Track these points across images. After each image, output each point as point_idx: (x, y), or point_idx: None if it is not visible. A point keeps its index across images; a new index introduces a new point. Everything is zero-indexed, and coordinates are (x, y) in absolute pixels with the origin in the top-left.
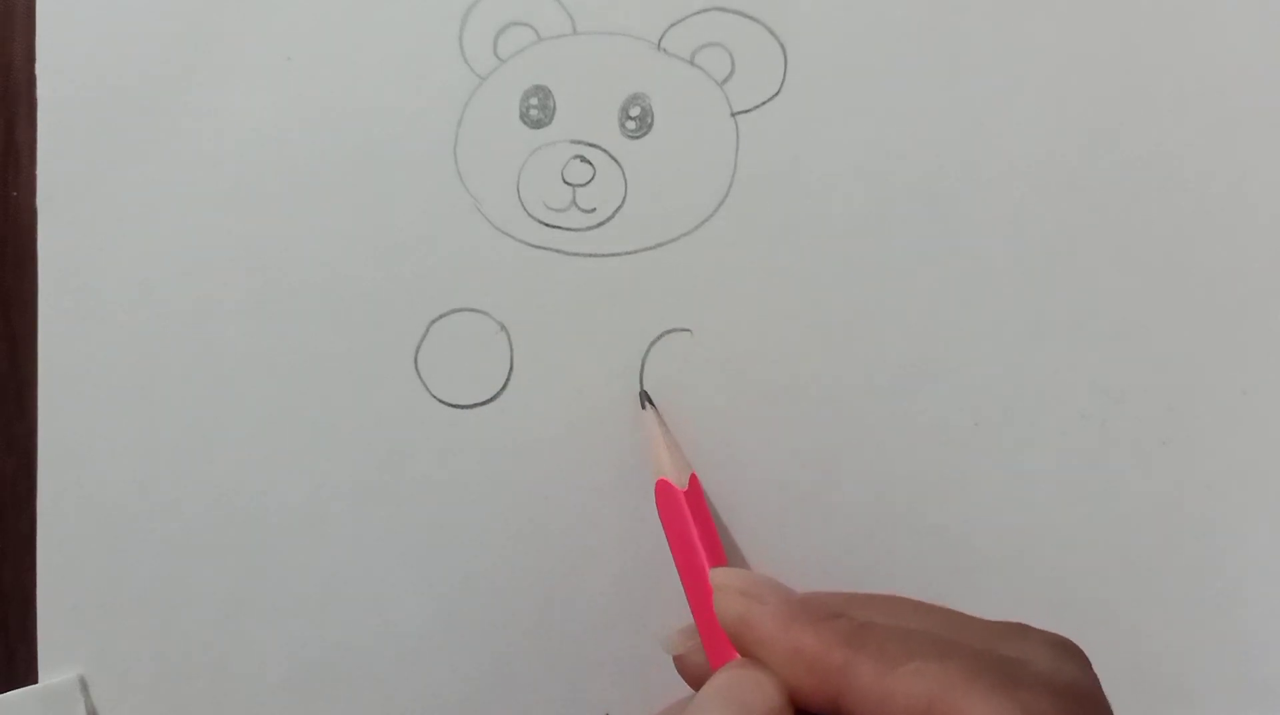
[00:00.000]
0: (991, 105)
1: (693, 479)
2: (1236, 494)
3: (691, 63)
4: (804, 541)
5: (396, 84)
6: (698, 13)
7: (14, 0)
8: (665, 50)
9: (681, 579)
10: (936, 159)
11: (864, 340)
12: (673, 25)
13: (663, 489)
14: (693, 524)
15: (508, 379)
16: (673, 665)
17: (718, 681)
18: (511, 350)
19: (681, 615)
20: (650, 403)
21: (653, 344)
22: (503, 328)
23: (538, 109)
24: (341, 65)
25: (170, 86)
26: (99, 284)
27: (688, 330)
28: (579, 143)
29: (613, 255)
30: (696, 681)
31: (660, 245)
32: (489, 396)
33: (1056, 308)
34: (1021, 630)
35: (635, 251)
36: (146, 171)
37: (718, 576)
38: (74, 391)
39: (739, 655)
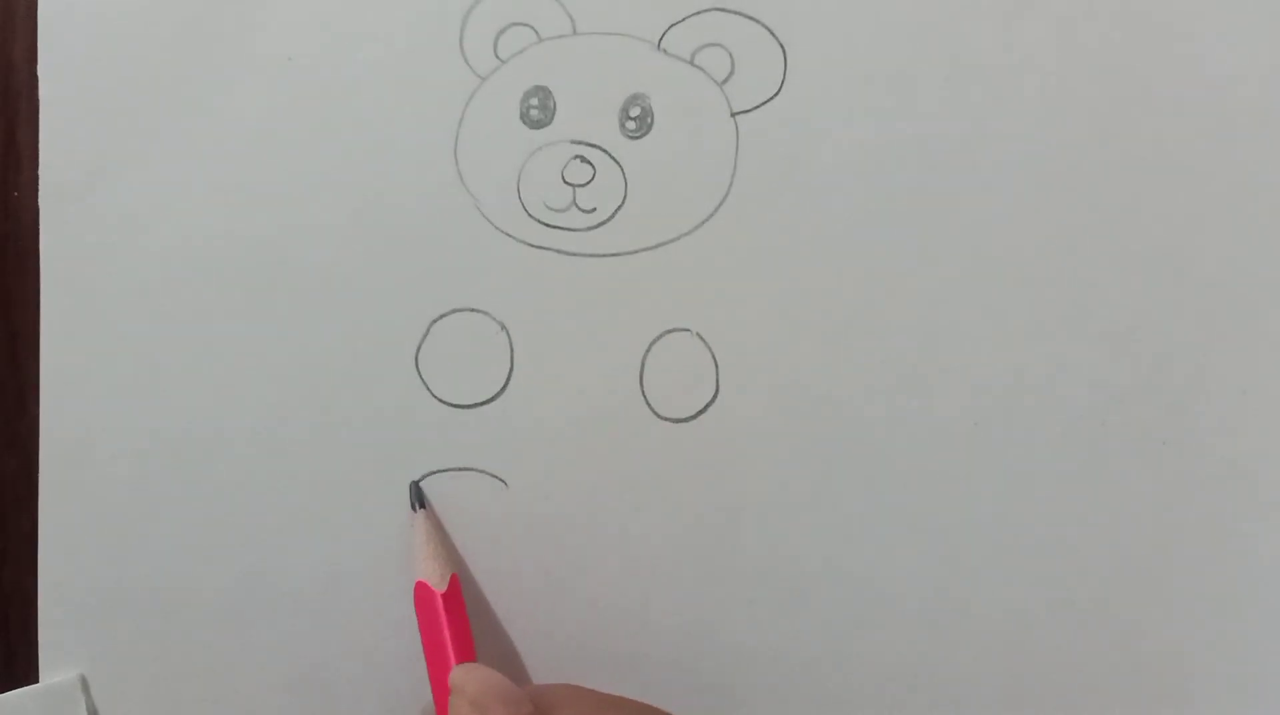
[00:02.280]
0: (991, 105)
1: (453, 580)
2: (1236, 494)
3: (691, 63)
4: (803, 543)
5: (396, 84)
6: (698, 13)
7: (15, 0)
8: (665, 50)
9: (430, 675)
10: (936, 159)
11: (864, 340)
12: (673, 25)
13: (420, 591)
14: (446, 626)
15: (508, 379)
16: (673, 665)
17: None
18: (511, 350)
19: None
20: (422, 503)
21: (653, 344)
22: (503, 328)
23: (538, 109)
24: (341, 65)
25: (170, 86)
26: (99, 284)
27: (688, 330)
28: (579, 143)
29: (613, 255)
30: None
31: (660, 245)
32: (489, 396)
33: (1056, 308)
34: None
35: (635, 251)
36: (147, 171)
37: (456, 677)
38: (75, 391)
39: None
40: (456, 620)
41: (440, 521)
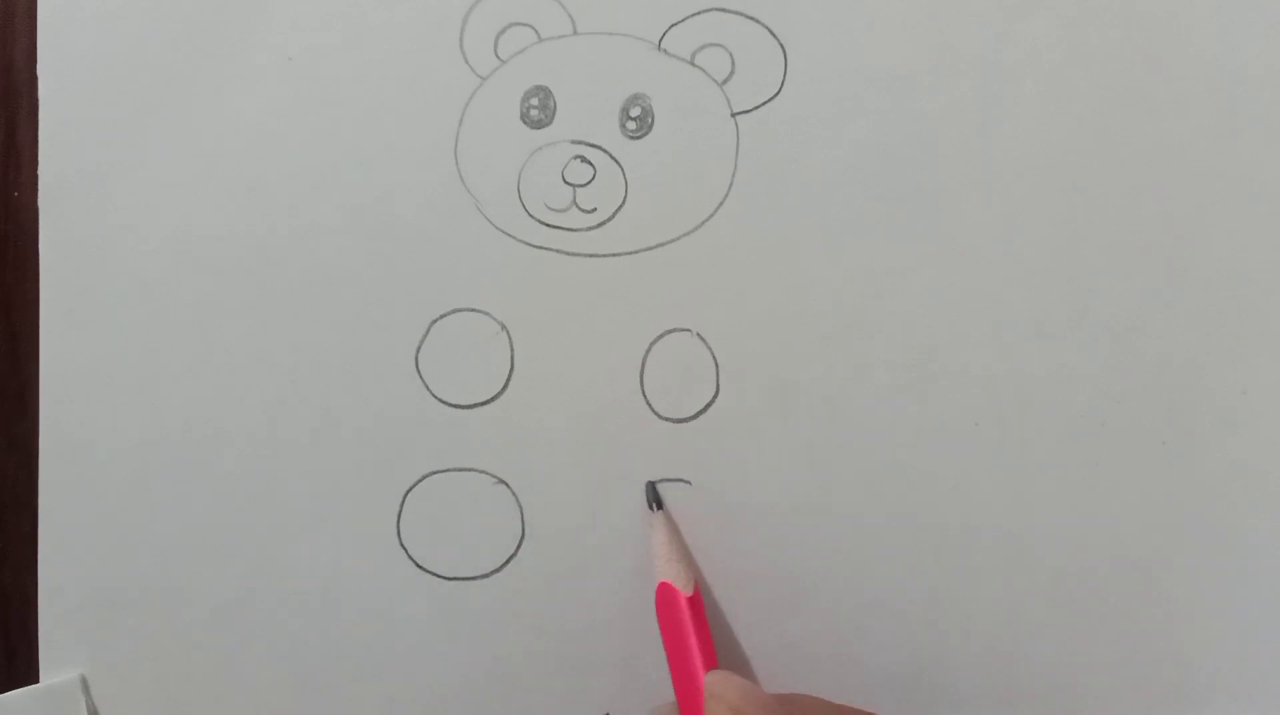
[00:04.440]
0: (991, 105)
1: (696, 585)
2: (1236, 494)
3: (691, 63)
4: (803, 543)
5: (396, 84)
6: (698, 13)
7: (15, 1)
8: (665, 51)
9: (673, 676)
10: (936, 159)
11: (864, 340)
12: (673, 26)
13: (664, 593)
14: (692, 631)
15: (508, 379)
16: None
17: None
18: (511, 350)
19: None
20: (659, 504)
21: (653, 344)
22: (503, 328)
23: (538, 109)
24: (341, 65)
25: (170, 86)
26: (99, 284)
27: (688, 330)
28: (579, 143)
29: (613, 255)
30: None
31: (660, 245)
32: (489, 396)
33: (1057, 308)
34: None
35: (635, 251)
36: (147, 171)
37: (713, 684)
38: (75, 391)
39: None
40: (701, 625)
41: (676, 521)
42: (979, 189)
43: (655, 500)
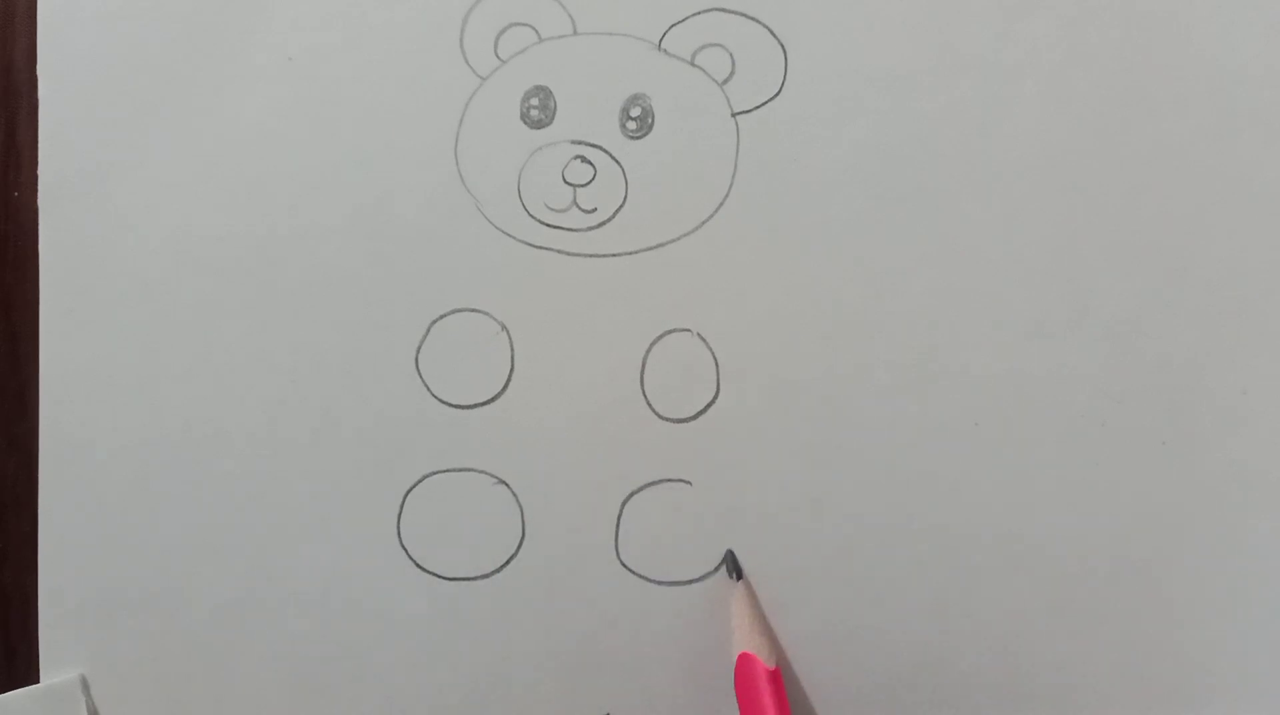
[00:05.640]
0: (991, 105)
1: (777, 660)
2: (1236, 494)
3: (692, 63)
4: (803, 543)
5: (396, 84)
6: (698, 13)
7: (14, 1)
8: (666, 51)
9: None
10: (936, 159)
11: (864, 340)
12: (673, 26)
13: (745, 664)
14: (772, 706)
15: (508, 379)
16: (673, 665)
17: None
18: (512, 350)
19: None
20: (739, 574)
21: (653, 344)
22: (503, 328)
23: (538, 109)
24: (341, 65)
25: (170, 86)
26: (99, 284)
27: (688, 330)
28: (580, 143)
29: (613, 255)
30: None
31: (660, 245)
32: (489, 396)
33: (1056, 308)
34: None
35: (635, 251)
36: (147, 171)
37: None
38: (75, 391)
39: None
40: (781, 701)
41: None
42: (979, 189)
43: (735, 570)
